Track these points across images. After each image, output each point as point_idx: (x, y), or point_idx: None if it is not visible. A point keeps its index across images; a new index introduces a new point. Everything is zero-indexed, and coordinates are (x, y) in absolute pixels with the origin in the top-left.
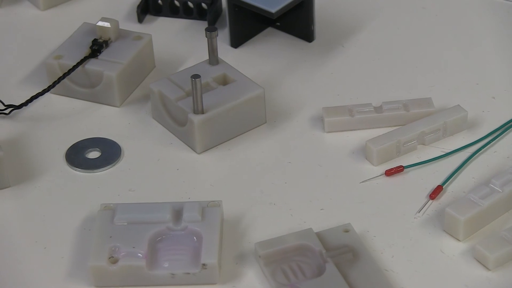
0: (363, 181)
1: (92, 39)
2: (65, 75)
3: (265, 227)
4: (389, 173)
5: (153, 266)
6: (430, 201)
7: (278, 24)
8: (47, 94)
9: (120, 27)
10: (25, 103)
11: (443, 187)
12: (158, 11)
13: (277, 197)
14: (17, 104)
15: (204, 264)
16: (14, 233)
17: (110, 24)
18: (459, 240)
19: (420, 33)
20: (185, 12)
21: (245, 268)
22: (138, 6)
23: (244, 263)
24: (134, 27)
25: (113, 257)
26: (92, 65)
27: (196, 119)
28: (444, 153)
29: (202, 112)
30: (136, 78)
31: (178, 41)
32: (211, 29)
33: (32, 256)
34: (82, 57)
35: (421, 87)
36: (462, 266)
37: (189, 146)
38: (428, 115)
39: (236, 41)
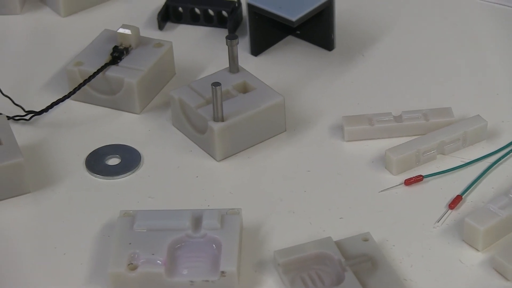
0: (382, 190)
1: (113, 46)
2: (85, 81)
3: (284, 235)
4: (409, 182)
5: (172, 273)
6: (450, 210)
7: (298, 32)
8: (68, 101)
9: (140, 34)
10: (46, 109)
11: (463, 197)
12: (179, 19)
13: (297, 205)
14: (38, 110)
15: (223, 272)
16: (33, 239)
17: (131, 31)
18: (478, 250)
19: (439, 42)
20: (205, 20)
21: (264, 276)
22: (159, 14)
23: (263, 271)
24: (155, 34)
25: (132, 263)
26: (112, 72)
27: (216, 126)
28: (463, 163)
29: (222, 120)
30: (156, 85)
31: (198, 48)
32: (231, 37)
33: (52, 262)
34: (103, 64)
35: (441, 96)
36: (481, 276)
37: (208, 154)
38: (447, 124)
39: (256, 49)
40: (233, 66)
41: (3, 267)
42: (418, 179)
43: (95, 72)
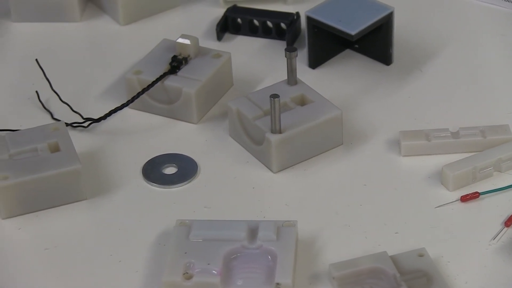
0: (438, 206)
1: (172, 55)
2: (144, 90)
3: (339, 249)
4: (465, 199)
5: (227, 283)
6: (505, 228)
7: (357, 46)
8: (125, 109)
9: (199, 45)
10: (104, 117)
11: None
12: (237, 30)
13: (352, 219)
14: (96, 117)
15: (278, 284)
16: (89, 246)
17: (190, 41)
18: None
19: (498, 59)
20: (264, 32)
21: None
22: (218, 24)
23: (318, 283)
24: (213, 44)
25: (187, 273)
26: (171, 82)
27: (274, 138)
28: None
29: (280, 132)
30: (214, 96)
31: (256, 60)
32: (291, 49)
33: (107, 269)
34: (161, 73)
35: (498, 113)
36: None
37: (265, 165)
38: (505, 142)
39: (314, 62)
40: (291, 79)
41: (59, 273)
42: (475, 196)
43: (153, 81)
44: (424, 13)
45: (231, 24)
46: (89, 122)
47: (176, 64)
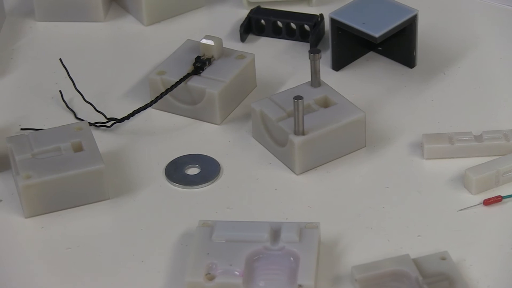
0: (461, 210)
1: (195, 56)
2: (167, 90)
3: (361, 251)
4: (488, 202)
5: (249, 285)
6: None
7: (380, 48)
8: (149, 109)
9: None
10: (127, 117)
11: None
12: (261, 31)
13: (374, 222)
14: (119, 117)
15: (300, 285)
16: (111, 246)
17: (214, 42)
18: None
19: None
20: (287, 33)
21: None
22: (241, 26)
23: (340, 286)
24: (236, 46)
25: (210, 274)
26: (194, 82)
27: (297, 140)
28: None
29: (303, 134)
30: (237, 97)
31: (279, 61)
32: (314, 51)
33: (129, 269)
34: (185, 74)
35: None
36: None
37: (288, 167)
38: None
39: (338, 64)
40: (315, 80)
41: (81, 273)
42: (497, 199)
43: (177, 82)
44: (448, 15)
45: (255, 25)
46: (112, 122)
47: (200, 64)
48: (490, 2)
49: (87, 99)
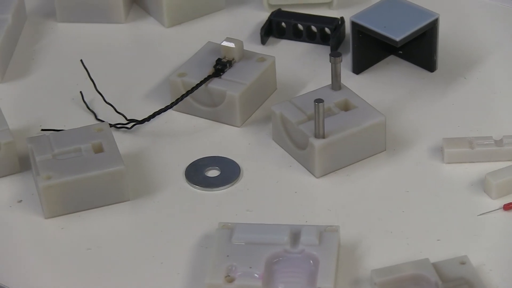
0: (480, 214)
1: (216, 58)
2: (188, 92)
3: (381, 255)
4: (508, 207)
5: (269, 287)
6: None
7: (401, 52)
8: (169, 111)
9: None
10: (148, 119)
11: None
12: (281, 34)
13: (394, 226)
14: (140, 119)
15: None
16: (131, 247)
17: (235, 45)
18: None
19: None
20: (308, 36)
21: None
22: (262, 28)
23: None
24: (257, 48)
25: (229, 276)
26: (215, 85)
27: (317, 143)
28: None
29: (323, 137)
30: (257, 99)
31: (300, 64)
32: (335, 54)
33: (149, 271)
34: (206, 76)
35: None
36: None
37: (308, 170)
38: None
39: (358, 67)
40: (336, 84)
41: (101, 274)
42: None
43: (198, 84)
44: (469, 19)
45: (276, 28)
46: (133, 123)
47: (221, 67)
48: (511, 7)
49: (107, 101)
